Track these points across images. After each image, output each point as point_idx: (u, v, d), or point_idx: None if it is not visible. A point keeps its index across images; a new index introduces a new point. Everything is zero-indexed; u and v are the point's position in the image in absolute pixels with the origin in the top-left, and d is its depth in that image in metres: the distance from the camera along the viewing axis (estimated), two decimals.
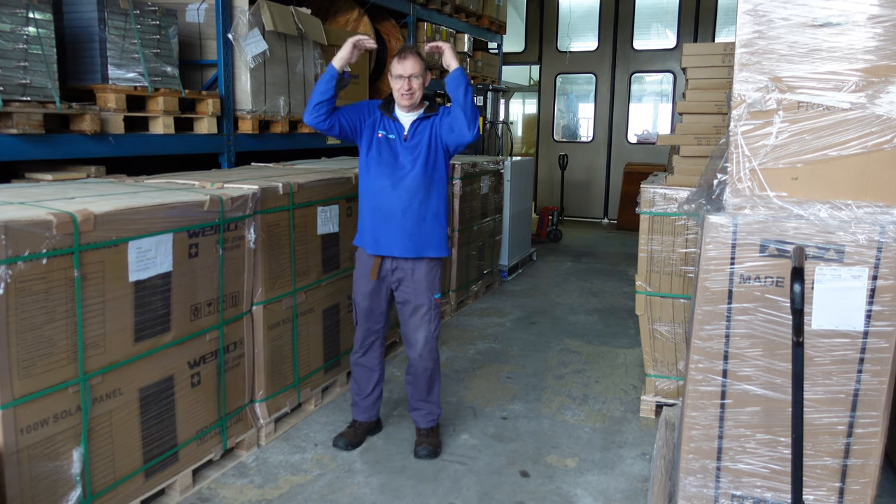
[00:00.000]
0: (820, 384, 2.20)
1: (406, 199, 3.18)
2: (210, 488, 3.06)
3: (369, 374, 3.45)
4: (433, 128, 3.23)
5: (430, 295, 3.27)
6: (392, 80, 3.16)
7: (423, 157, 3.19)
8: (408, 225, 3.18)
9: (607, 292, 6.74)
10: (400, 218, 3.18)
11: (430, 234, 3.24)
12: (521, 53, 11.81)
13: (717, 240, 2.24)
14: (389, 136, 3.22)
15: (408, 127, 3.22)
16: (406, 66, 3.10)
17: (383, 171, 3.20)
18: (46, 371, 2.32)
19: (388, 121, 3.24)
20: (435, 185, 3.24)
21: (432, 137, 3.22)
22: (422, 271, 3.25)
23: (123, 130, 3.63)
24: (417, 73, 3.12)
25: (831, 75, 2.16)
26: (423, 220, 3.21)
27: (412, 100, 3.15)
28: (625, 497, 3.06)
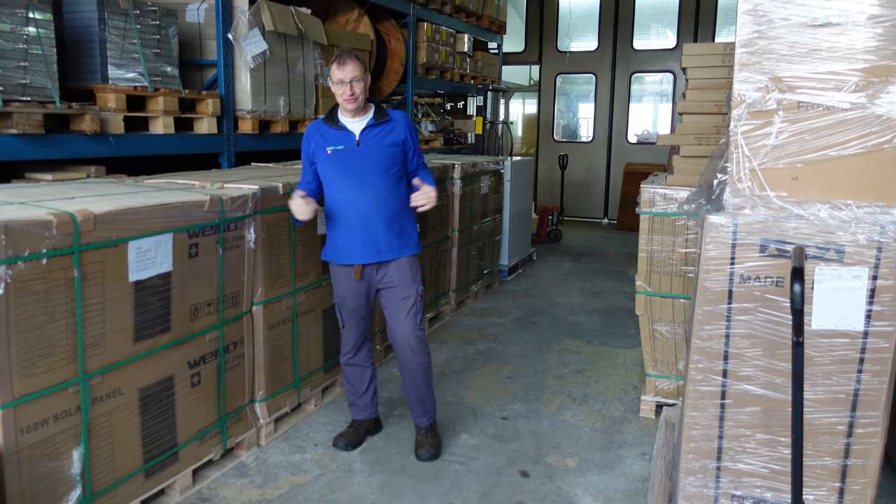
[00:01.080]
0: (820, 384, 2.20)
1: (374, 205, 3.15)
2: (210, 488, 3.06)
3: (362, 372, 3.45)
4: (391, 134, 3.19)
5: (417, 286, 3.27)
6: (333, 87, 3.11)
7: (382, 162, 3.16)
8: (382, 229, 3.17)
9: (607, 292, 6.74)
10: (374, 224, 3.16)
11: (407, 233, 3.25)
12: (521, 53, 11.81)
13: (717, 240, 2.24)
14: (338, 148, 3.15)
15: (358, 133, 3.16)
16: (346, 71, 3.04)
17: (346, 182, 3.15)
18: (46, 371, 2.32)
19: (333, 132, 3.18)
20: (400, 187, 3.22)
21: (391, 145, 3.18)
22: (405, 264, 3.25)
23: (123, 130, 3.63)
24: (358, 77, 3.06)
25: (831, 75, 2.16)
26: (395, 222, 3.20)
27: (356, 103, 3.09)
28: (625, 497, 3.06)
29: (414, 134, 3.31)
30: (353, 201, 3.15)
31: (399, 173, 3.22)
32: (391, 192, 3.19)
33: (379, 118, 3.20)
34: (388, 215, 3.17)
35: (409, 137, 3.26)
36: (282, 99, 4.76)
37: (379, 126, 3.19)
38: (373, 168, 3.15)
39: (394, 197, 3.20)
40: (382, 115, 3.21)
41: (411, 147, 3.28)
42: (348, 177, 3.15)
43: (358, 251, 3.18)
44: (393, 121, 3.23)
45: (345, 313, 3.33)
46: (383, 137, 3.19)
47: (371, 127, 3.18)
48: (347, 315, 3.33)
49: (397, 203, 3.21)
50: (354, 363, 3.44)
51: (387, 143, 3.18)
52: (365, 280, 3.26)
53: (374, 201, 3.15)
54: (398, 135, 3.21)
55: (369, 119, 3.19)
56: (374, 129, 3.18)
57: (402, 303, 3.24)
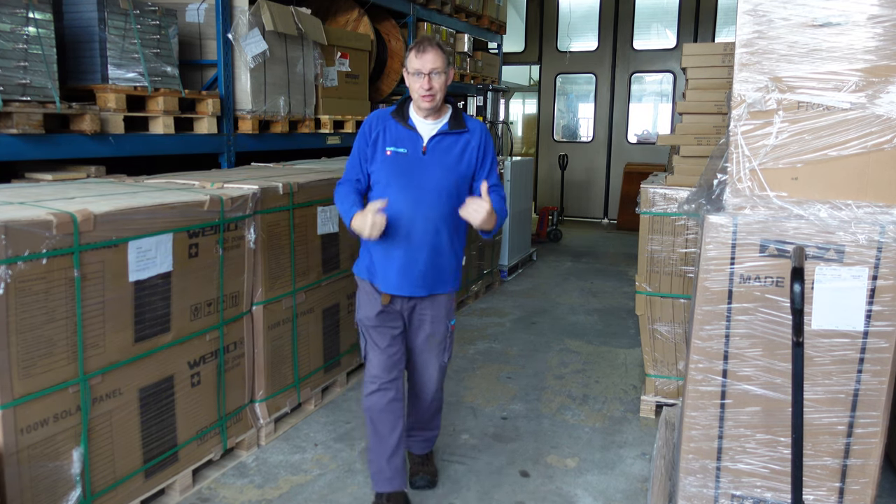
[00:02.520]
0: (820, 384, 2.20)
1: (423, 230, 2.66)
2: (210, 488, 3.06)
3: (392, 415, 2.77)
4: (465, 151, 2.69)
5: (448, 322, 2.86)
6: (409, 79, 2.65)
7: (446, 181, 2.65)
8: (424, 260, 2.68)
9: (607, 292, 6.74)
10: (418, 253, 2.67)
11: (445, 269, 2.76)
12: (521, 53, 11.81)
13: (717, 240, 2.24)
14: (400, 151, 2.67)
15: (427, 139, 2.67)
16: (426, 61, 2.57)
17: (401, 195, 2.64)
18: (46, 371, 2.32)
19: (400, 130, 2.69)
20: (455, 210, 2.65)
21: (462, 163, 2.68)
22: (442, 301, 2.82)
23: (123, 130, 3.63)
24: (440, 69, 2.58)
25: (831, 75, 2.16)
26: (441, 256, 2.72)
27: (433, 102, 2.61)
28: (625, 497, 3.06)
29: (490, 149, 2.77)
30: (403, 219, 2.64)
31: (461, 197, 2.65)
32: (446, 219, 2.69)
33: (454, 126, 2.70)
34: (436, 246, 2.69)
35: (482, 153, 2.74)
36: (282, 99, 4.76)
37: (452, 136, 2.70)
38: (434, 186, 2.65)
39: (447, 225, 2.71)
40: (459, 124, 2.70)
41: (484, 164, 2.75)
42: (405, 189, 2.65)
43: (391, 278, 2.71)
44: (469, 132, 2.72)
45: (373, 334, 2.79)
46: (454, 151, 2.69)
47: (443, 135, 2.69)
48: (377, 335, 2.78)
49: (449, 232, 2.72)
50: (382, 405, 2.75)
51: (456, 158, 2.69)
52: (394, 303, 2.79)
53: (424, 225, 2.66)
54: (471, 151, 2.71)
55: (443, 125, 2.70)
56: (446, 139, 2.69)
57: (429, 340, 2.84)
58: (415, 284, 2.71)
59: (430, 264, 2.70)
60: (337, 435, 3.58)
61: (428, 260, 2.69)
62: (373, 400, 2.76)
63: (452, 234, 2.74)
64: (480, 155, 2.74)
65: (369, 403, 2.77)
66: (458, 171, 2.69)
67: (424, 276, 2.71)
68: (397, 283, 2.70)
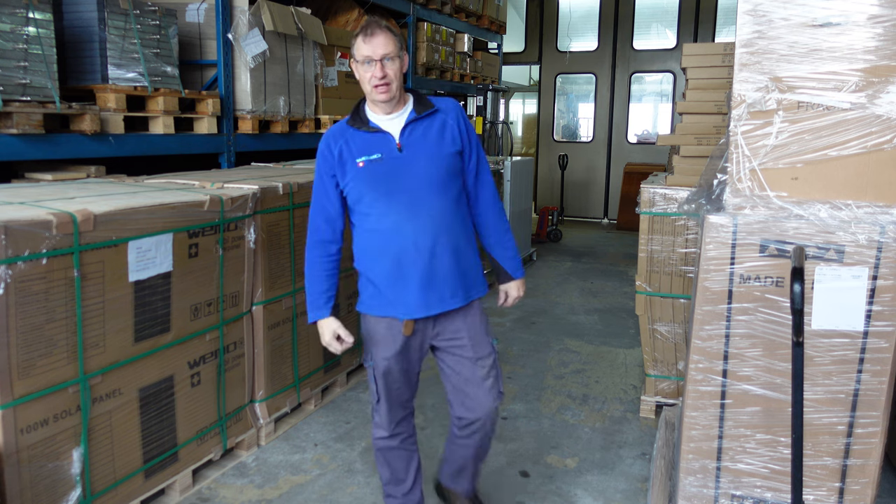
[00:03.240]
0: (820, 384, 2.20)
1: (434, 233, 2.29)
2: (210, 488, 3.06)
3: (407, 457, 2.56)
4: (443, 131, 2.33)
5: (490, 339, 2.46)
6: (358, 69, 2.27)
7: (435, 171, 2.30)
8: (447, 267, 2.32)
9: (607, 292, 6.74)
10: (436, 261, 2.30)
11: (472, 268, 2.41)
12: (521, 53, 11.81)
13: (717, 240, 2.24)
14: (373, 157, 2.28)
15: (398, 134, 2.30)
16: (376, 45, 2.20)
17: (391, 205, 2.28)
18: (46, 371, 2.32)
19: (364, 137, 2.31)
20: (460, 206, 2.38)
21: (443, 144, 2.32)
22: (476, 312, 2.42)
23: (123, 130, 3.63)
24: (392, 53, 2.21)
25: (831, 75, 2.16)
26: (461, 256, 2.36)
27: (389, 92, 2.23)
28: (625, 497, 3.06)
29: (470, 128, 2.41)
30: (404, 231, 2.28)
31: (458, 185, 2.37)
32: (453, 213, 2.33)
33: (421, 110, 2.32)
34: (453, 247, 2.32)
35: (464, 132, 2.37)
36: (282, 99, 4.76)
37: (424, 121, 2.33)
38: (424, 181, 2.29)
39: (456, 220, 2.35)
40: (426, 106, 2.34)
41: (470, 147, 2.39)
42: (393, 196, 2.28)
43: (412, 300, 2.31)
44: (441, 111, 2.35)
45: (384, 382, 2.42)
46: (430, 136, 2.32)
47: (414, 123, 2.32)
48: (388, 384, 2.42)
49: (460, 228, 2.36)
50: (394, 446, 2.52)
51: (435, 142, 2.32)
52: (418, 334, 2.38)
53: (432, 228, 2.28)
54: (451, 130, 2.34)
55: (409, 113, 2.33)
56: (419, 127, 2.32)
57: (478, 365, 2.39)
58: (443, 298, 2.33)
59: (455, 267, 2.33)
60: (337, 435, 3.58)
61: (451, 263, 2.32)
62: (382, 444, 2.52)
63: (462, 225, 2.38)
64: (463, 132, 2.37)
65: (380, 446, 2.53)
66: (443, 155, 2.32)
67: (454, 284, 2.33)
68: (422, 301, 2.30)
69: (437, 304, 2.33)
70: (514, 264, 2.57)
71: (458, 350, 2.40)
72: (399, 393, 2.44)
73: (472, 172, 2.43)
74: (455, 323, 2.38)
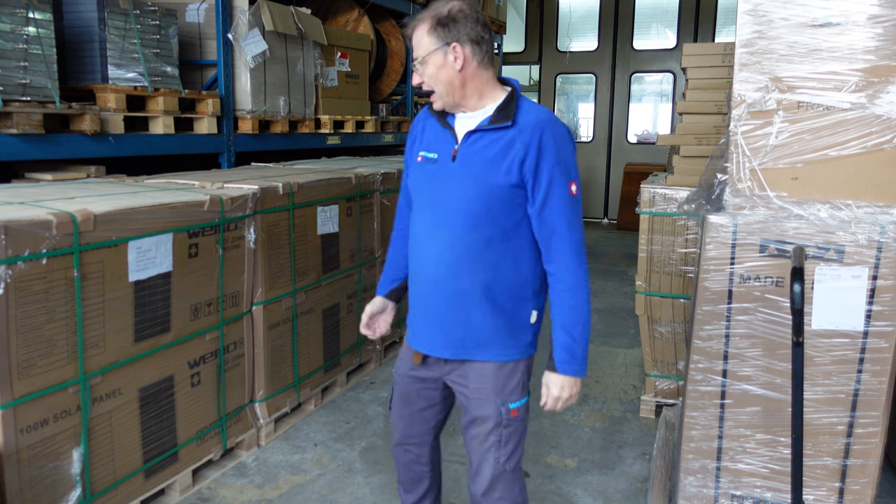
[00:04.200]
0: (820, 384, 2.20)
1: (442, 261, 1.93)
2: (210, 488, 3.06)
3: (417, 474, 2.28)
4: (505, 156, 1.84)
5: (498, 402, 2.00)
6: None
7: (476, 196, 1.86)
8: (441, 306, 1.96)
9: (607, 292, 6.74)
10: (438, 297, 1.96)
11: (482, 327, 1.94)
12: (521, 53, 11.81)
13: (717, 240, 2.24)
14: (430, 156, 1.96)
15: (461, 138, 1.92)
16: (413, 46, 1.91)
17: (426, 214, 1.98)
18: (46, 371, 2.32)
19: (436, 128, 1.99)
20: (505, 245, 1.90)
21: (497, 172, 1.85)
22: (480, 373, 2.00)
23: (123, 130, 3.63)
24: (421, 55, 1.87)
25: (831, 75, 2.16)
26: (467, 303, 1.93)
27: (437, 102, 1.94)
28: (625, 497, 3.06)
29: (548, 161, 1.83)
30: (425, 247, 1.98)
31: (506, 226, 1.88)
32: (480, 253, 1.89)
33: (497, 119, 1.87)
34: (460, 291, 1.92)
35: (531, 163, 1.83)
36: (282, 99, 4.76)
37: (492, 134, 1.87)
38: (457, 205, 1.89)
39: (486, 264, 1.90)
40: (504, 117, 1.86)
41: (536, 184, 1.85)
42: (425, 208, 1.98)
43: (417, 328, 2.06)
44: (517, 127, 1.85)
45: (397, 391, 2.20)
46: (487, 156, 1.87)
47: (482, 132, 1.89)
48: (397, 399, 2.20)
49: (492, 275, 1.91)
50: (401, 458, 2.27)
51: (488, 165, 1.86)
52: (431, 368, 2.10)
53: (445, 258, 1.92)
54: (514, 156, 1.83)
55: (485, 118, 1.90)
56: (484, 139, 1.88)
57: (475, 426, 2.05)
58: (435, 340, 2.01)
59: (454, 315, 1.96)
60: (337, 435, 3.58)
61: (449, 308, 1.95)
62: (395, 451, 2.28)
63: (496, 273, 1.91)
64: (530, 162, 1.82)
65: (393, 451, 2.29)
66: (489, 183, 1.85)
67: (446, 331, 1.98)
68: (420, 334, 2.05)
69: (428, 344, 2.03)
70: (562, 354, 1.95)
71: (462, 402, 2.08)
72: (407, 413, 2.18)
73: (535, 215, 1.87)
74: (459, 372, 2.03)
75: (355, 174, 4.17)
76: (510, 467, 2.05)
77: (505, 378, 2.00)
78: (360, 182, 4.20)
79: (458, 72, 1.86)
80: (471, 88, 1.90)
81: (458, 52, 1.85)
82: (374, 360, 4.53)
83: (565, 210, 1.87)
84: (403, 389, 2.17)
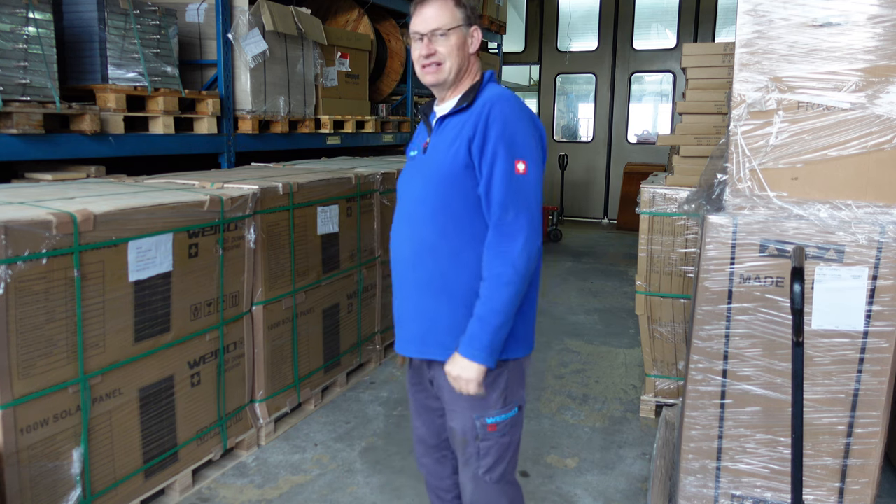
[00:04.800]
0: (820, 384, 2.20)
1: (410, 256, 1.90)
2: (210, 488, 3.06)
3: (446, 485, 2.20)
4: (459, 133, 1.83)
5: (472, 414, 1.90)
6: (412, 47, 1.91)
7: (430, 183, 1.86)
8: (411, 302, 1.92)
9: (607, 292, 6.74)
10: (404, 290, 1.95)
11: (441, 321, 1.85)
12: (521, 53, 11.81)
13: (717, 240, 2.24)
14: (412, 154, 2.02)
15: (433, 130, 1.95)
16: (425, 17, 1.83)
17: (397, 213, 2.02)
18: (46, 371, 2.32)
19: (420, 127, 2.05)
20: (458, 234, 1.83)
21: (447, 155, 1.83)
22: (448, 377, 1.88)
23: (123, 130, 3.63)
24: (445, 27, 1.82)
25: (831, 75, 2.16)
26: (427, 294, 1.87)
27: (437, 74, 1.85)
28: (625, 497, 3.06)
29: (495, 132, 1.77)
30: (395, 242, 1.99)
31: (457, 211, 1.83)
32: (433, 243, 1.85)
33: (460, 103, 1.88)
34: (419, 283, 1.88)
35: (477, 140, 1.79)
36: (282, 99, 4.76)
37: (455, 117, 1.88)
38: (419, 195, 1.89)
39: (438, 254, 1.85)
40: (468, 98, 1.87)
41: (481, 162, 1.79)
42: (400, 203, 2.00)
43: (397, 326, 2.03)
44: (472, 109, 1.85)
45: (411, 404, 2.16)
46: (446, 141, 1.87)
47: (446, 119, 1.91)
48: (412, 413, 2.17)
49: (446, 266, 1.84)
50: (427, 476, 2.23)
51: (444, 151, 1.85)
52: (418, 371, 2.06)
53: (411, 254, 1.91)
54: (464, 135, 1.82)
55: (454, 103, 1.90)
56: (451, 123, 1.88)
57: (452, 435, 1.99)
58: (402, 336, 1.97)
59: (413, 308, 1.91)
60: (337, 435, 3.58)
61: (410, 303, 1.91)
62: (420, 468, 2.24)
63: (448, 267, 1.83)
64: (477, 139, 1.78)
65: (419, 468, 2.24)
66: (443, 168, 1.83)
67: (408, 326, 1.93)
68: (397, 332, 2.01)
69: (400, 342, 1.98)
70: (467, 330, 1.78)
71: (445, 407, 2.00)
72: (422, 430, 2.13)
73: (483, 196, 1.80)
74: (439, 373, 1.91)
75: (355, 174, 4.17)
76: (492, 479, 1.94)
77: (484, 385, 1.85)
78: (360, 182, 4.20)
79: (470, 55, 1.89)
80: (469, 73, 1.92)
81: (476, 37, 1.89)
82: (374, 360, 4.53)
83: (503, 187, 1.76)
84: (412, 402, 2.14)
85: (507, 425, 1.92)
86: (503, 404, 1.91)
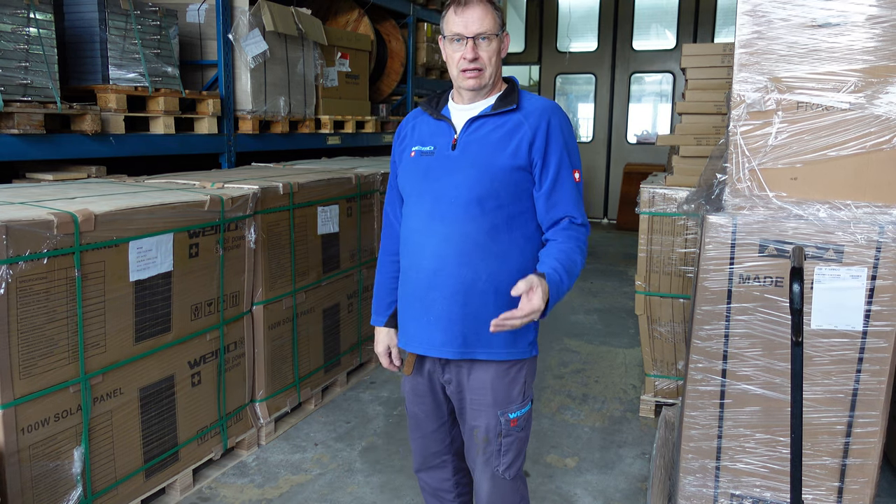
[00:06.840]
0: (819, 384, 2.21)
1: (442, 254, 1.86)
2: (210, 488, 3.06)
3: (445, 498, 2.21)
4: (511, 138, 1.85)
5: (498, 412, 1.94)
6: (446, 48, 1.89)
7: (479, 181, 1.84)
8: (444, 301, 1.87)
9: (607, 292, 6.75)
10: (438, 290, 1.88)
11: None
12: (521, 53, 11.81)
13: (716, 240, 2.24)
14: (425, 150, 1.94)
15: (460, 127, 1.91)
16: (470, 19, 1.81)
17: (413, 205, 1.95)
18: (47, 370, 2.33)
19: (429, 124, 1.98)
20: (512, 235, 1.87)
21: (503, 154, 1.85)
22: (482, 375, 1.92)
23: (124, 130, 3.63)
24: (489, 31, 1.83)
25: (830, 76, 2.16)
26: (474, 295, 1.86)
27: (480, 79, 1.86)
28: (624, 497, 3.06)
29: (556, 143, 1.87)
30: (421, 241, 1.91)
31: (510, 213, 1.86)
32: (483, 243, 1.85)
33: (500, 105, 1.89)
34: (465, 283, 1.85)
35: (539, 145, 1.85)
36: (282, 99, 4.76)
37: (496, 119, 1.89)
38: (459, 193, 1.85)
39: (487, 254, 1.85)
40: (508, 102, 1.89)
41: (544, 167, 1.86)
42: (422, 200, 1.92)
43: (410, 328, 1.97)
44: (522, 111, 1.88)
45: (409, 417, 2.16)
46: (492, 139, 1.87)
47: (483, 119, 1.90)
48: (409, 422, 2.16)
49: (495, 267, 1.85)
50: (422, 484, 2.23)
51: (494, 149, 1.85)
52: (424, 377, 2.03)
53: (444, 251, 1.86)
54: (521, 138, 1.85)
55: (486, 106, 1.91)
56: (487, 124, 1.89)
57: (473, 434, 1.99)
58: (433, 339, 1.91)
59: (458, 310, 1.87)
60: (337, 434, 3.59)
61: (451, 303, 1.87)
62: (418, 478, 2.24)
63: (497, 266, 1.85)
64: (538, 144, 1.84)
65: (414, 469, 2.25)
66: (495, 167, 1.84)
67: (446, 328, 1.88)
68: (415, 334, 1.95)
69: (426, 344, 1.92)
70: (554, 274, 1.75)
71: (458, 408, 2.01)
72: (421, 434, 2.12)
73: (542, 199, 1.86)
74: (460, 375, 1.95)
75: (355, 174, 4.18)
76: (510, 476, 2.00)
77: (506, 388, 1.93)
78: (360, 182, 4.20)
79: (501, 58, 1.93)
80: (498, 76, 1.94)
81: (507, 42, 1.94)
82: (374, 359, 4.53)
83: (573, 195, 1.89)
84: (411, 410, 2.11)
85: (524, 419, 1.99)
86: (522, 399, 1.97)
